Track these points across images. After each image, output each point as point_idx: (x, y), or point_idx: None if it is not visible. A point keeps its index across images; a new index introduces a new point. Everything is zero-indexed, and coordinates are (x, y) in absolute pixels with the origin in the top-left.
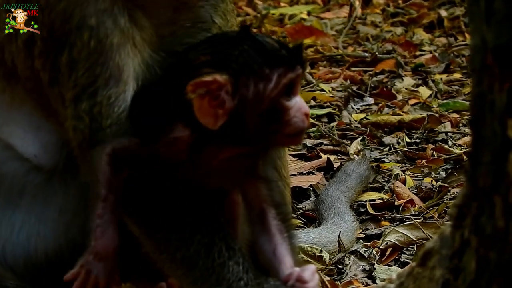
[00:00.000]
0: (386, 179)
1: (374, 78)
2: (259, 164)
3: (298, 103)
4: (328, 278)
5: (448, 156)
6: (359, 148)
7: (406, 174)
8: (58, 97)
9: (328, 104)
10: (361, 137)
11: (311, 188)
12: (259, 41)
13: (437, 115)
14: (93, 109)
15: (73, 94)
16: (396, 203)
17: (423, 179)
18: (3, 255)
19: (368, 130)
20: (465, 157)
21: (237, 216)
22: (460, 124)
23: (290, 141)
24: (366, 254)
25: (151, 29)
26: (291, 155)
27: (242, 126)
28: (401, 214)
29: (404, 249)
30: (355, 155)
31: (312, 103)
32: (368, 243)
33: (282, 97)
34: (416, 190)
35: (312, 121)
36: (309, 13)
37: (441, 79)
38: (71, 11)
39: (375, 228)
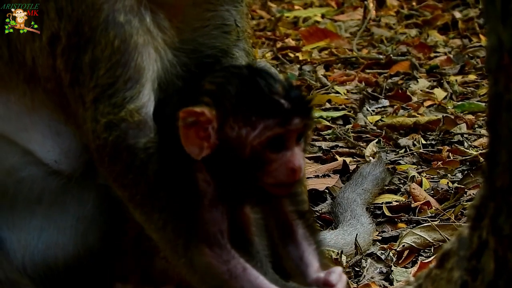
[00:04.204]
0: (402, 181)
1: (389, 80)
2: None
3: (286, 157)
4: None
5: (464, 158)
6: (375, 150)
7: (422, 176)
8: (78, 98)
9: (343, 106)
10: (377, 139)
11: (327, 191)
12: (260, 86)
13: (452, 117)
14: (108, 110)
15: (93, 95)
16: (412, 205)
17: (439, 181)
18: (22, 264)
19: (383, 132)
20: (481, 158)
21: (249, 228)
22: (476, 126)
23: (275, 190)
24: (383, 257)
25: (172, 31)
26: (307, 157)
27: (226, 164)
28: (417, 216)
29: (421, 251)
30: (370, 157)
31: (327, 105)
32: (385, 246)
33: (266, 148)
34: (432, 192)
35: (327, 123)
36: (323, 16)
37: (456, 80)
38: (100, 5)
39: (391, 230)
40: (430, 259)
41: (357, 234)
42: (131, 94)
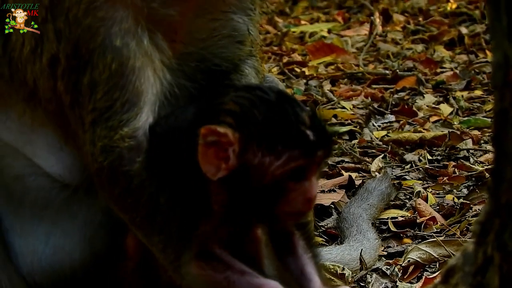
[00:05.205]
0: (408, 197)
1: (395, 96)
2: None
3: (304, 187)
4: None
5: (469, 173)
6: (381, 166)
7: (428, 191)
8: (78, 120)
9: (349, 121)
10: (383, 154)
11: (333, 206)
12: (287, 114)
13: (458, 132)
14: (105, 134)
15: (91, 117)
16: (418, 221)
17: (444, 196)
18: (31, 269)
19: (389, 148)
20: (486, 174)
21: (261, 251)
22: (482, 141)
23: (288, 217)
24: (388, 272)
25: (170, 51)
26: None
27: (242, 187)
28: (423, 232)
29: (426, 266)
30: (376, 173)
31: (333, 120)
32: (390, 261)
33: (287, 177)
34: (438, 207)
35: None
36: (329, 31)
37: (462, 96)
38: (96, 29)
39: (397, 245)
40: (435, 275)
41: (362, 249)
42: (128, 117)
